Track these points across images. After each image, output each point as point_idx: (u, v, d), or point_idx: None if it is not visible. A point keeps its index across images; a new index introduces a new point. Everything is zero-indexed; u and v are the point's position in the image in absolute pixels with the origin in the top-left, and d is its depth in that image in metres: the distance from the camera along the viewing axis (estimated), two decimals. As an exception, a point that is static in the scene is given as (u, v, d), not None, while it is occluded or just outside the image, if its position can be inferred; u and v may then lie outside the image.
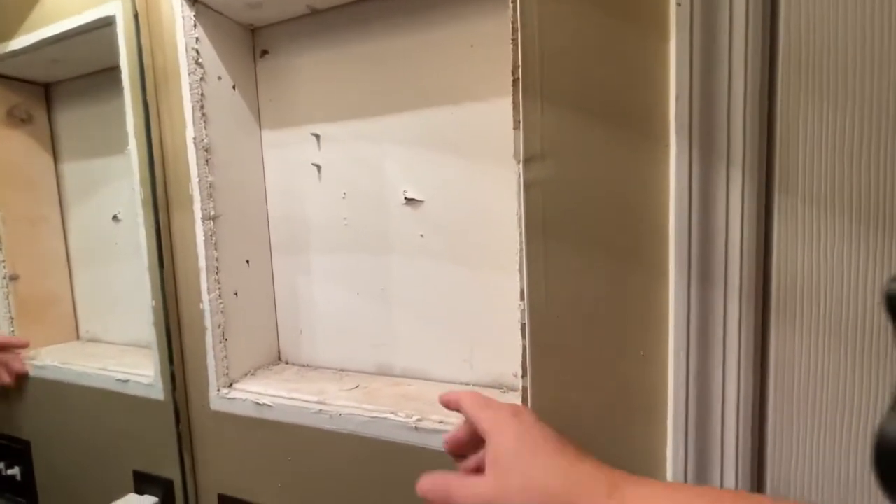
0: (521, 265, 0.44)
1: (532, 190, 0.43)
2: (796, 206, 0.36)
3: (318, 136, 0.67)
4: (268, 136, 0.70)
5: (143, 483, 0.73)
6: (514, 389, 0.58)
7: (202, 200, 0.61)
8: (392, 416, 0.53)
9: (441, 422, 0.51)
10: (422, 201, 0.61)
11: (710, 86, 0.36)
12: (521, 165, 0.43)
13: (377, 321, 0.66)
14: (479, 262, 0.59)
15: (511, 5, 0.42)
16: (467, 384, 0.61)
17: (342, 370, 0.70)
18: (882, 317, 0.35)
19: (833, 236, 0.35)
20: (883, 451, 0.15)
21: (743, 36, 0.35)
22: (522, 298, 0.44)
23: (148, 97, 0.62)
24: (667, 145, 0.38)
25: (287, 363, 0.74)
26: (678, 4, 0.36)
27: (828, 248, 0.35)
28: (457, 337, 0.62)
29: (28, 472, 0.86)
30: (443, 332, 0.62)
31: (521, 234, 0.44)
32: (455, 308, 0.61)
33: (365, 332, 0.67)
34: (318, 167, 0.67)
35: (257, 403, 0.61)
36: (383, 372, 0.67)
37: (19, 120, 0.87)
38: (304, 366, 0.72)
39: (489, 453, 0.34)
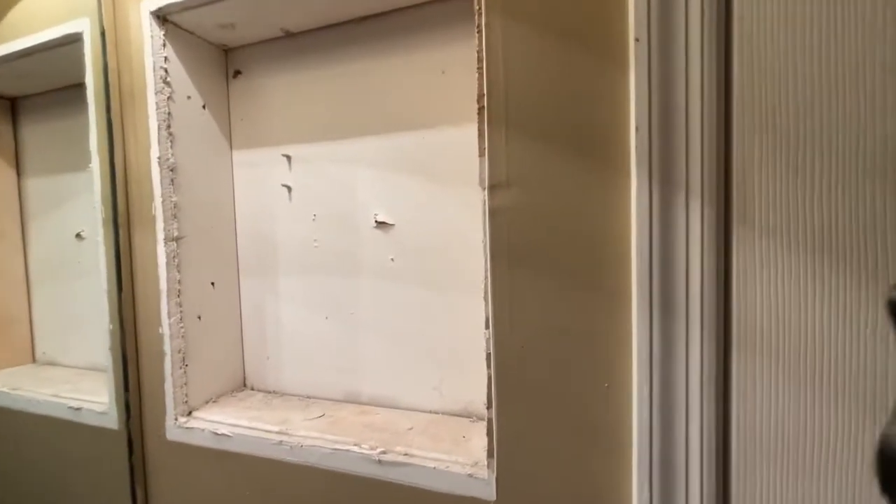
0: (486, 293, 0.43)
1: (497, 217, 0.42)
2: (753, 238, 0.36)
3: (289, 158, 0.66)
4: (238, 155, 0.69)
5: (92, 519, 0.68)
6: (483, 419, 0.57)
7: (165, 221, 0.59)
8: (355, 449, 0.51)
9: (406, 454, 0.49)
10: (392, 224, 0.61)
11: (668, 118, 0.36)
12: (486, 192, 0.42)
13: (346, 346, 0.64)
14: (450, 286, 0.58)
15: (477, 35, 0.42)
16: (436, 412, 0.60)
17: (309, 397, 0.67)
18: (839, 349, 0.35)
19: (790, 268, 0.35)
20: (885, 456, 0.15)
21: (699, 71, 0.35)
22: (487, 327, 0.43)
23: (113, 115, 0.61)
24: (627, 175, 0.38)
25: (253, 389, 0.71)
26: (636, 40, 0.36)
27: (785, 280, 0.35)
28: (426, 363, 0.60)
29: (-31, 506, 0.80)
30: (412, 358, 0.61)
31: (486, 261, 0.43)
32: (425, 334, 0.60)
33: (333, 358, 0.65)
34: (289, 188, 0.66)
35: (216, 433, 0.58)
36: (351, 399, 0.65)
37: (-19, 134, 0.84)
38: (270, 392, 0.70)
39: None
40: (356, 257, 0.63)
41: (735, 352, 0.37)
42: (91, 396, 0.70)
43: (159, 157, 0.59)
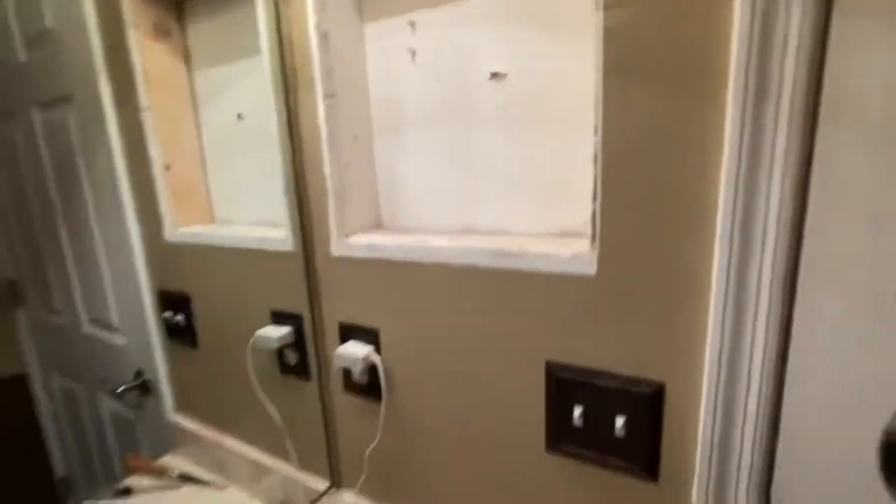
0: (596, 103, 0.52)
1: (611, 34, 0.50)
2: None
3: (413, 24, 0.76)
4: (369, 25, 0.80)
5: (278, 318, 0.94)
6: (582, 235, 0.68)
7: (322, 80, 0.74)
8: (480, 246, 0.66)
9: (520, 249, 0.63)
10: (505, 74, 0.70)
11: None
12: (601, 12, 0.50)
13: (464, 188, 0.78)
14: (557, 128, 0.67)
15: None
16: (542, 234, 0.72)
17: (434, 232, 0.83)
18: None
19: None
20: (890, 449, 0.14)
21: None
22: (596, 133, 0.53)
23: (275, -9, 0.75)
24: (735, -22, 0.43)
25: (386, 228, 0.89)
26: None
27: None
28: (534, 197, 0.72)
29: (189, 318, 1.12)
30: (522, 193, 0.73)
31: (597, 76, 0.52)
32: (534, 171, 0.71)
33: (454, 199, 0.79)
34: (413, 52, 0.77)
35: (369, 245, 0.76)
36: (469, 231, 0.80)
37: (163, 33, 1.04)
38: (401, 228, 0.87)
39: None
40: (473, 108, 0.74)
41: (821, 128, 0.43)
42: (269, 233, 0.92)
43: (316, 24, 0.72)
